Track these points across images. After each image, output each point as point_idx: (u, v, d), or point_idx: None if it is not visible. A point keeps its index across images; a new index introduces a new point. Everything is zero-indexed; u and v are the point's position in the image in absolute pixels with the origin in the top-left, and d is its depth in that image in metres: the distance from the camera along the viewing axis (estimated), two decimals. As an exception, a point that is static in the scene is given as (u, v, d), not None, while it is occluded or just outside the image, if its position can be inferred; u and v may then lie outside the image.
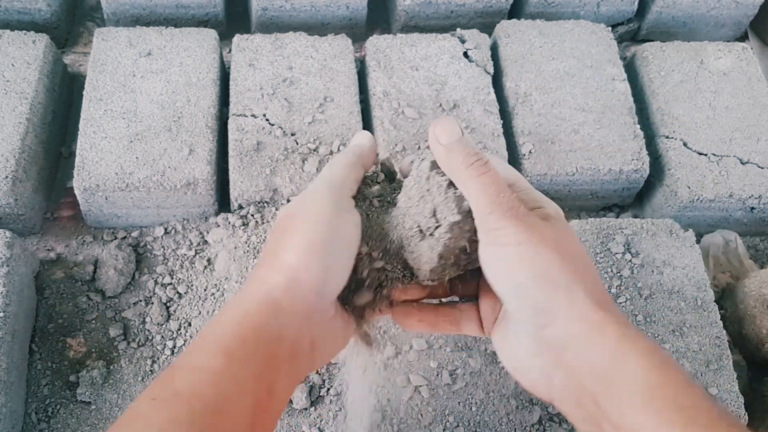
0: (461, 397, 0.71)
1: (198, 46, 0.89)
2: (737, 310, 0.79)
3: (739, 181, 0.85)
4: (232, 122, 0.83)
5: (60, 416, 0.69)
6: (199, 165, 0.79)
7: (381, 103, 0.87)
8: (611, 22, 1.05)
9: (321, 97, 0.86)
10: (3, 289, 0.70)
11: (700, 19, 1.06)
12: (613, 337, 0.38)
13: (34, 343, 0.73)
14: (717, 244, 0.86)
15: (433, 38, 0.93)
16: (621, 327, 0.39)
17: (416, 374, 0.72)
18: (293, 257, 0.42)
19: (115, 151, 0.79)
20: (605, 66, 0.93)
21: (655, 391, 0.36)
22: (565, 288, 0.39)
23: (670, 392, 0.36)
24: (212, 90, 0.86)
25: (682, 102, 0.91)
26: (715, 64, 0.95)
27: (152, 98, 0.84)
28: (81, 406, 0.70)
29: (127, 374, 0.72)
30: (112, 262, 0.77)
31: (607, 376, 0.37)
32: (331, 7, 0.98)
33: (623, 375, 0.37)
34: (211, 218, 0.82)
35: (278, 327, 0.41)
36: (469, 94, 0.88)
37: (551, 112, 0.88)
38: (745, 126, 0.89)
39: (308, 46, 0.91)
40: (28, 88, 0.83)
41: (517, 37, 0.95)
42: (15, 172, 0.77)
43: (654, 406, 0.35)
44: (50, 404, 0.70)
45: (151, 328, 0.74)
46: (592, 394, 0.38)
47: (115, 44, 0.88)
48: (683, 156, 0.86)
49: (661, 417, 0.35)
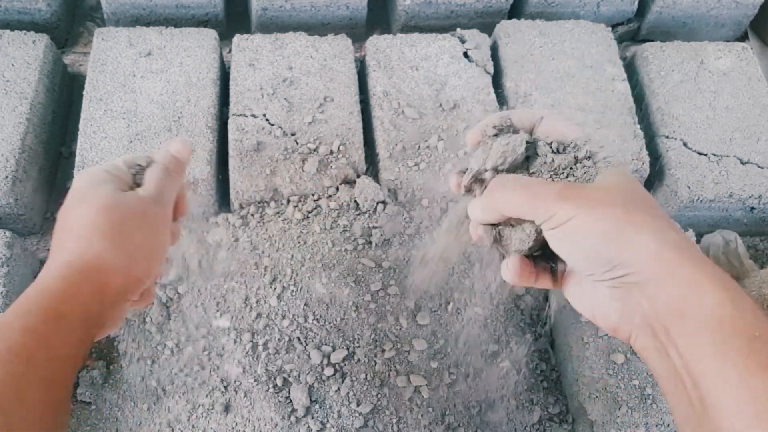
0: (461, 397, 0.71)
1: (198, 46, 0.89)
2: (737, 310, 0.79)
3: (739, 181, 0.85)
4: (232, 122, 0.83)
5: (60, 416, 0.69)
6: (199, 165, 0.79)
7: (381, 103, 0.87)
8: (611, 22, 1.05)
9: (321, 97, 0.87)
10: (3, 289, 0.70)
11: (700, 19, 1.06)
12: (687, 273, 0.40)
13: (34, 343, 0.73)
14: (717, 244, 0.86)
15: (433, 38, 0.93)
16: (695, 261, 0.40)
17: (416, 374, 0.72)
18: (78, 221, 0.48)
19: (116, 151, 0.79)
20: (605, 66, 0.93)
21: (725, 322, 0.37)
22: (631, 238, 0.40)
23: (740, 323, 0.37)
24: (212, 90, 0.86)
25: (682, 102, 0.91)
26: (715, 64, 0.95)
27: (152, 98, 0.84)
28: (81, 406, 0.70)
29: (127, 374, 0.72)
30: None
31: (681, 309, 0.39)
32: (331, 7, 0.98)
33: (695, 307, 0.39)
34: (212, 218, 0.82)
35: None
36: (469, 94, 0.88)
37: (552, 112, 0.88)
38: (745, 126, 0.89)
39: (308, 46, 0.91)
40: (28, 88, 0.83)
41: (517, 37, 0.95)
42: (15, 172, 0.77)
43: (721, 336, 0.37)
44: (50, 404, 0.70)
45: (151, 328, 0.74)
46: (665, 326, 0.40)
47: (115, 44, 0.88)
48: (683, 156, 0.86)
49: (725, 345, 0.37)
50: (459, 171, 0.48)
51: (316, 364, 0.72)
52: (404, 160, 0.82)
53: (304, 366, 0.71)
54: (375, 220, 0.81)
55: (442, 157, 0.83)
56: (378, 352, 0.73)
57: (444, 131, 0.85)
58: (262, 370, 0.71)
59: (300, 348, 0.72)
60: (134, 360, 0.72)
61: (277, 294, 0.76)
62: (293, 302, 0.75)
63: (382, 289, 0.77)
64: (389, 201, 0.82)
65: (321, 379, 0.71)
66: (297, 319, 0.74)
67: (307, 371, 0.71)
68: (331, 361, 0.72)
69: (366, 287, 0.77)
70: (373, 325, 0.75)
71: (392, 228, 0.79)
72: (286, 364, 0.71)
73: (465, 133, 0.84)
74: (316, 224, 0.79)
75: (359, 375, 0.72)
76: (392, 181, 0.82)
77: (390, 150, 0.83)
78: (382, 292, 0.77)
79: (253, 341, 0.73)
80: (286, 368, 0.71)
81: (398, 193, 0.82)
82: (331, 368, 0.71)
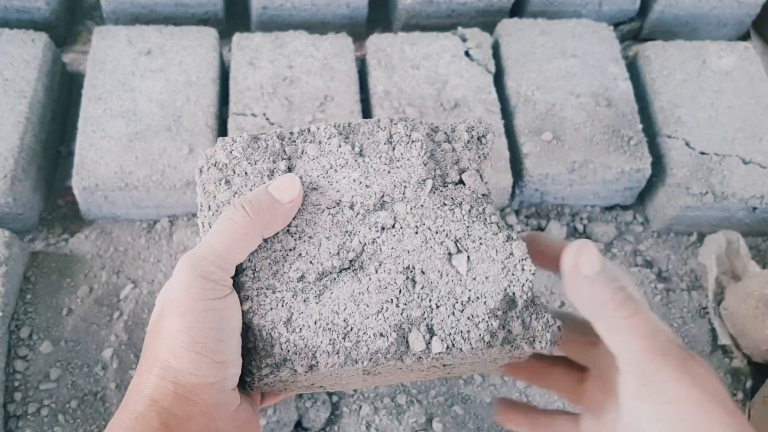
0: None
1: (198, 44, 0.89)
2: (739, 310, 0.78)
3: (741, 180, 0.84)
4: (231, 121, 0.83)
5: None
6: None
7: (382, 102, 0.86)
8: (613, 21, 1.04)
9: (321, 96, 0.86)
10: (2, 288, 0.70)
11: (702, 18, 1.05)
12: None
13: (33, 343, 0.73)
14: (720, 244, 0.85)
15: (434, 37, 0.92)
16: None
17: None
18: (175, 361, 0.36)
19: (115, 150, 0.79)
20: (607, 65, 0.92)
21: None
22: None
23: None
24: (212, 89, 0.85)
25: (684, 101, 0.91)
26: (718, 63, 0.94)
27: (152, 97, 0.83)
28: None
29: (131, 370, 0.71)
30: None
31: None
32: (331, 6, 0.98)
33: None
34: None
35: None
36: (471, 93, 0.88)
37: (553, 112, 0.88)
38: (748, 125, 0.89)
39: (308, 45, 0.90)
40: (27, 87, 0.82)
41: (518, 36, 0.94)
42: (14, 171, 0.76)
43: None
44: (49, 405, 0.69)
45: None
46: None
47: (115, 43, 0.87)
48: (685, 155, 0.86)
49: None
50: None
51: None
52: (405, 160, 0.82)
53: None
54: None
55: (443, 157, 0.82)
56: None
57: (445, 130, 0.84)
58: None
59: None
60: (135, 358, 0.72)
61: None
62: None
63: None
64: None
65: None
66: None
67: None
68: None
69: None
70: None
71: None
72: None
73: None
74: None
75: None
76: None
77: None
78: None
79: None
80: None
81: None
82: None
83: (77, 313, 0.73)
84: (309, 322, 0.39)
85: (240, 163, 0.42)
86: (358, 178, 0.41)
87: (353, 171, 0.41)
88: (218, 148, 0.43)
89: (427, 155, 0.41)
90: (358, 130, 0.42)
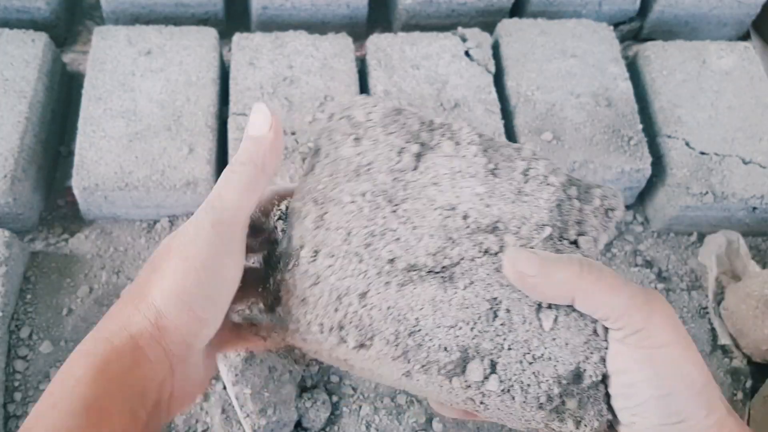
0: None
1: (198, 44, 0.89)
2: (739, 310, 0.78)
3: (741, 180, 0.84)
4: (232, 121, 0.83)
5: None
6: (199, 164, 0.79)
7: (382, 103, 0.86)
8: (613, 21, 1.04)
9: (321, 96, 0.86)
10: (2, 288, 0.70)
11: (702, 18, 1.05)
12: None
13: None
14: (720, 244, 0.85)
15: (434, 37, 0.92)
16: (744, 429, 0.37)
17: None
18: (160, 301, 0.36)
19: (115, 150, 0.79)
20: (607, 65, 0.92)
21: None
22: (704, 394, 0.37)
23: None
24: (212, 89, 0.85)
25: (684, 101, 0.91)
26: (718, 63, 0.95)
27: (152, 97, 0.83)
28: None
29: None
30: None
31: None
32: (331, 6, 0.98)
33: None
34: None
35: (142, 379, 0.36)
36: (471, 93, 0.88)
37: (553, 112, 0.88)
38: (748, 125, 0.89)
39: (308, 45, 0.90)
40: (27, 87, 0.82)
41: (518, 36, 0.94)
42: (14, 171, 0.76)
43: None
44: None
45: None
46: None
47: (115, 43, 0.87)
48: (685, 155, 0.86)
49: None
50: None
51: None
52: (405, 160, 0.82)
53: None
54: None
55: (443, 157, 0.82)
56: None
57: (445, 131, 0.84)
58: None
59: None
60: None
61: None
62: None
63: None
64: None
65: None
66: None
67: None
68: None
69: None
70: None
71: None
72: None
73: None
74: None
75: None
76: (393, 180, 0.82)
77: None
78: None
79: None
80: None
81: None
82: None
83: (77, 313, 0.73)
84: (382, 305, 0.38)
85: (374, 128, 0.41)
86: (482, 194, 0.40)
87: (480, 185, 0.41)
88: (357, 104, 0.42)
89: (555, 203, 0.41)
90: (498, 148, 0.41)
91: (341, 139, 0.42)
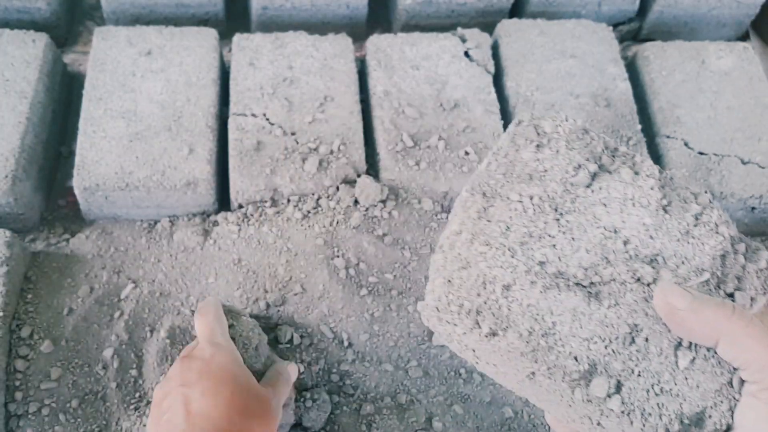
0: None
1: (198, 45, 0.89)
2: (738, 311, 0.79)
3: (740, 181, 0.84)
4: (232, 122, 0.83)
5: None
6: (199, 164, 0.79)
7: (381, 103, 0.87)
8: (612, 22, 1.04)
9: (321, 96, 0.86)
10: (3, 288, 0.70)
11: (701, 18, 1.05)
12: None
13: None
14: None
15: (433, 37, 0.93)
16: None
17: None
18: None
19: (115, 150, 0.79)
20: (606, 66, 0.93)
21: None
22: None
23: None
24: (212, 89, 0.86)
25: (683, 102, 0.91)
26: (717, 63, 0.95)
27: (152, 98, 0.83)
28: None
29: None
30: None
31: None
32: (331, 6, 0.98)
33: None
34: (211, 217, 0.82)
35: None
36: (470, 93, 0.88)
37: (552, 112, 0.88)
38: (747, 126, 0.89)
39: (308, 46, 0.91)
40: (27, 88, 0.83)
41: (518, 36, 0.95)
42: (15, 171, 0.76)
43: None
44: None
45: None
46: None
47: (115, 43, 0.88)
48: (684, 156, 0.86)
49: None
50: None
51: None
52: (405, 160, 0.82)
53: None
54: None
55: (442, 157, 0.82)
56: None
57: (445, 131, 0.84)
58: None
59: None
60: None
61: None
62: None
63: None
64: (390, 200, 0.81)
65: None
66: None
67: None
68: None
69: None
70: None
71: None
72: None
73: (465, 133, 0.84)
74: (316, 224, 0.79)
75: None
76: (392, 180, 0.82)
77: (390, 149, 0.83)
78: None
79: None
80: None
81: (399, 193, 0.82)
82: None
83: (78, 313, 0.74)
84: (523, 301, 0.40)
85: (559, 140, 0.43)
86: (648, 225, 0.42)
87: (648, 216, 0.42)
88: (548, 117, 0.44)
89: (720, 253, 0.41)
90: (676, 188, 0.43)
91: (524, 143, 0.44)
